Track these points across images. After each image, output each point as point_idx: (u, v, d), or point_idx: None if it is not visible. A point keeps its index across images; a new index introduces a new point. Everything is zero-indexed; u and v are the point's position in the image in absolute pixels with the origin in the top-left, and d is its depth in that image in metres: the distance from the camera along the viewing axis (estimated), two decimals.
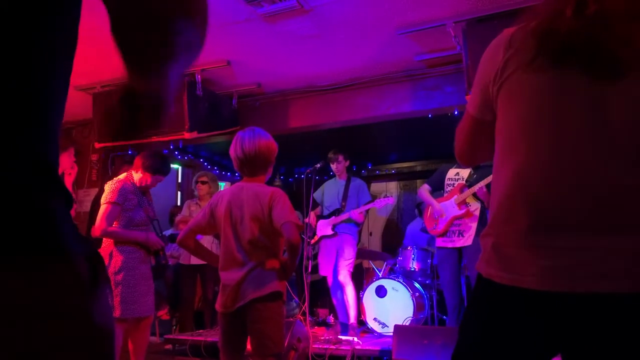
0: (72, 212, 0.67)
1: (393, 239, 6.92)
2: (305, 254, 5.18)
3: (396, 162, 7.15)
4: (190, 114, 4.42)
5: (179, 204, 7.13)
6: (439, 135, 5.00)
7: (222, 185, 7.15)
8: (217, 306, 2.36)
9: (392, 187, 7.25)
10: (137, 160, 3.76)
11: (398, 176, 7.19)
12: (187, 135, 4.41)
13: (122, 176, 3.73)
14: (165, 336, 5.42)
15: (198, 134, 4.54)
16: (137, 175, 3.74)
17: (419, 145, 6.47)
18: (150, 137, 4.57)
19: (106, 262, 3.52)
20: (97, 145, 4.99)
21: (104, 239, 3.55)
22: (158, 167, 3.76)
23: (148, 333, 3.75)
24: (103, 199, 3.53)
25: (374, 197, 7.31)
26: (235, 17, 3.65)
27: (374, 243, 7.14)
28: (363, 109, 4.81)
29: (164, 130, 4.48)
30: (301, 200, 5.08)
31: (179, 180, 7.25)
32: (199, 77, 4.47)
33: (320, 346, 4.67)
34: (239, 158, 2.41)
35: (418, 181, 7.06)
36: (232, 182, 7.27)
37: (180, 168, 7.31)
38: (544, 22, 1.09)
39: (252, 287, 2.25)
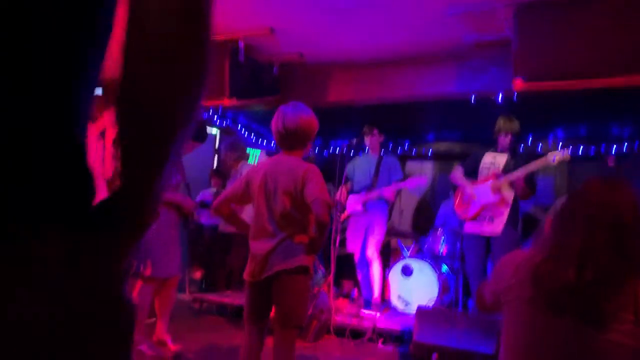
0: None
1: (424, 220, 6.89)
2: (334, 228, 5.21)
3: (434, 142, 7.05)
4: (231, 80, 4.44)
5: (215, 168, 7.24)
6: (480, 119, 4.91)
7: (258, 152, 7.22)
8: (245, 275, 2.41)
9: (428, 167, 7.17)
10: None
11: (435, 157, 7.09)
12: (226, 102, 4.44)
13: None
14: (194, 295, 5.60)
15: (237, 101, 4.57)
16: None
17: (458, 128, 6.37)
18: None
19: None
20: None
21: None
22: (196, 133, 3.83)
23: (174, 292, 3.88)
24: None
25: (407, 176, 7.27)
26: None
27: (405, 222, 7.12)
28: (405, 87, 4.73)
29: (205, 95, 4.52)
30: (334, 175, 5.10)
31: (217, 146, 7.33)
32: (241, 44, 4.48)
33: (342, 319, 4.75)
34: (279, 132, 2.43)
35: (455, 163, 6.92)
36: (268, 152, 7.33)
37: (218, 133, 7.39)
38: (545, 272, 1.40)
39: (280, 259, 2.30)
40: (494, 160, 4.85)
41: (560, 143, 6.32)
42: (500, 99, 4.39)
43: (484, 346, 3.79)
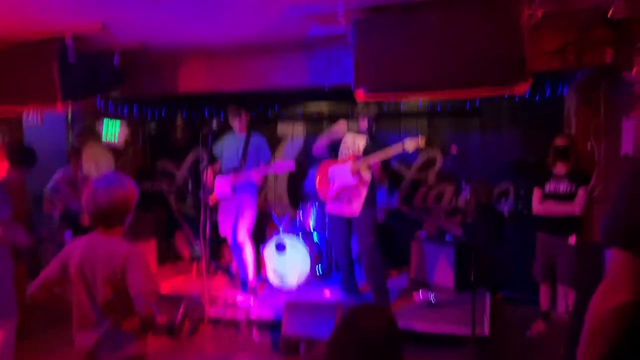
0: None
1: (299, 182, 6.96)
2: (202, 217, 5.08)
3: (302, 102, 6.98)
4: (62, 83, 3.96)
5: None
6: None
7: (118, 123, 6.71)
8: None
9: (299, 128, 7.14)
10: None
11: (304, 118, 7.06)
12: (59, 108, 4.00)
13: None
14: None
15: (73, 103, 4.14)
16: None
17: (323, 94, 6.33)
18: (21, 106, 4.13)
19: None
20: None
21: None
22: (23, 160, 3.45)
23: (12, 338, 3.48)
24: None
25: (280, 139, 7.20)
26: None
27: (280, 186, 7.16)
28: (258, 77, 4.53)
29: (33, 103, 4.04)
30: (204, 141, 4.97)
31: (69, 120, 6.66)
32: (70, 42, 3.96)
33: (216, 311, 4.81)
34: (90, 212, 2.23)
35: (324, 122, 6.98)
36: (129, 121, 6.84)
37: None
38: None
39: (108, 351, 2.19)
40: (354, 141, 4.92)
41: (420, 100, 6.52)
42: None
43: None
